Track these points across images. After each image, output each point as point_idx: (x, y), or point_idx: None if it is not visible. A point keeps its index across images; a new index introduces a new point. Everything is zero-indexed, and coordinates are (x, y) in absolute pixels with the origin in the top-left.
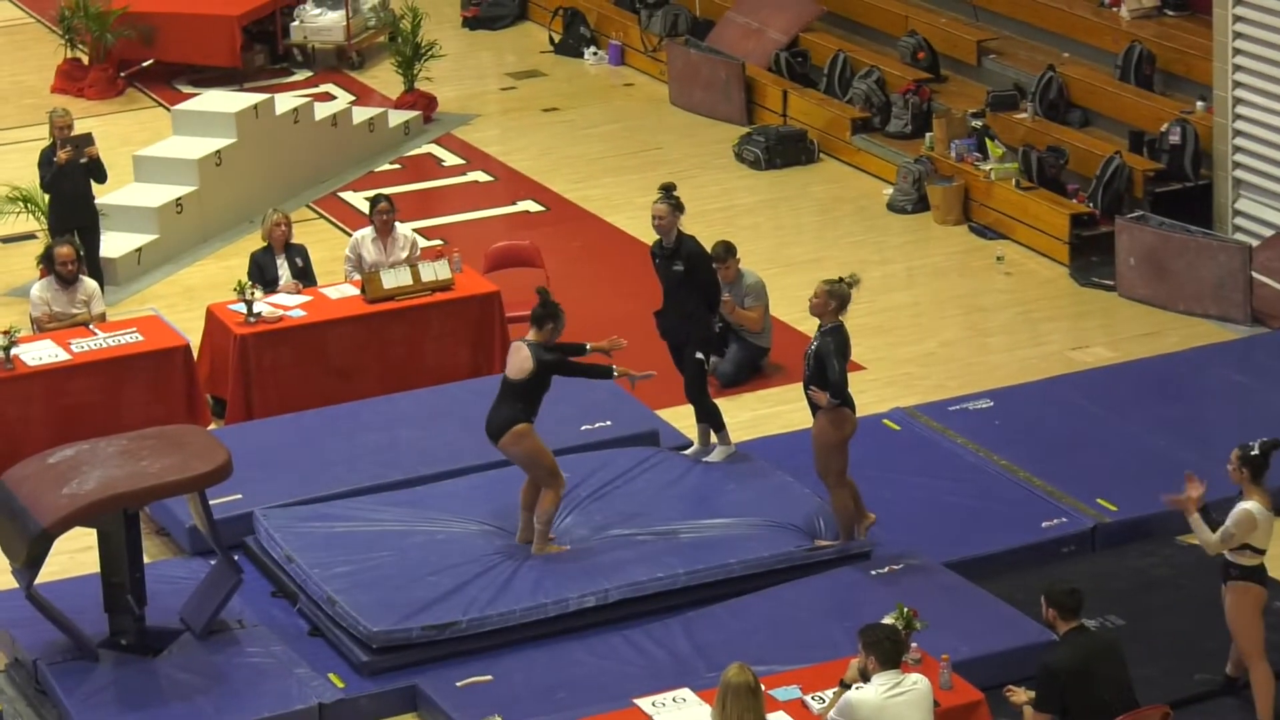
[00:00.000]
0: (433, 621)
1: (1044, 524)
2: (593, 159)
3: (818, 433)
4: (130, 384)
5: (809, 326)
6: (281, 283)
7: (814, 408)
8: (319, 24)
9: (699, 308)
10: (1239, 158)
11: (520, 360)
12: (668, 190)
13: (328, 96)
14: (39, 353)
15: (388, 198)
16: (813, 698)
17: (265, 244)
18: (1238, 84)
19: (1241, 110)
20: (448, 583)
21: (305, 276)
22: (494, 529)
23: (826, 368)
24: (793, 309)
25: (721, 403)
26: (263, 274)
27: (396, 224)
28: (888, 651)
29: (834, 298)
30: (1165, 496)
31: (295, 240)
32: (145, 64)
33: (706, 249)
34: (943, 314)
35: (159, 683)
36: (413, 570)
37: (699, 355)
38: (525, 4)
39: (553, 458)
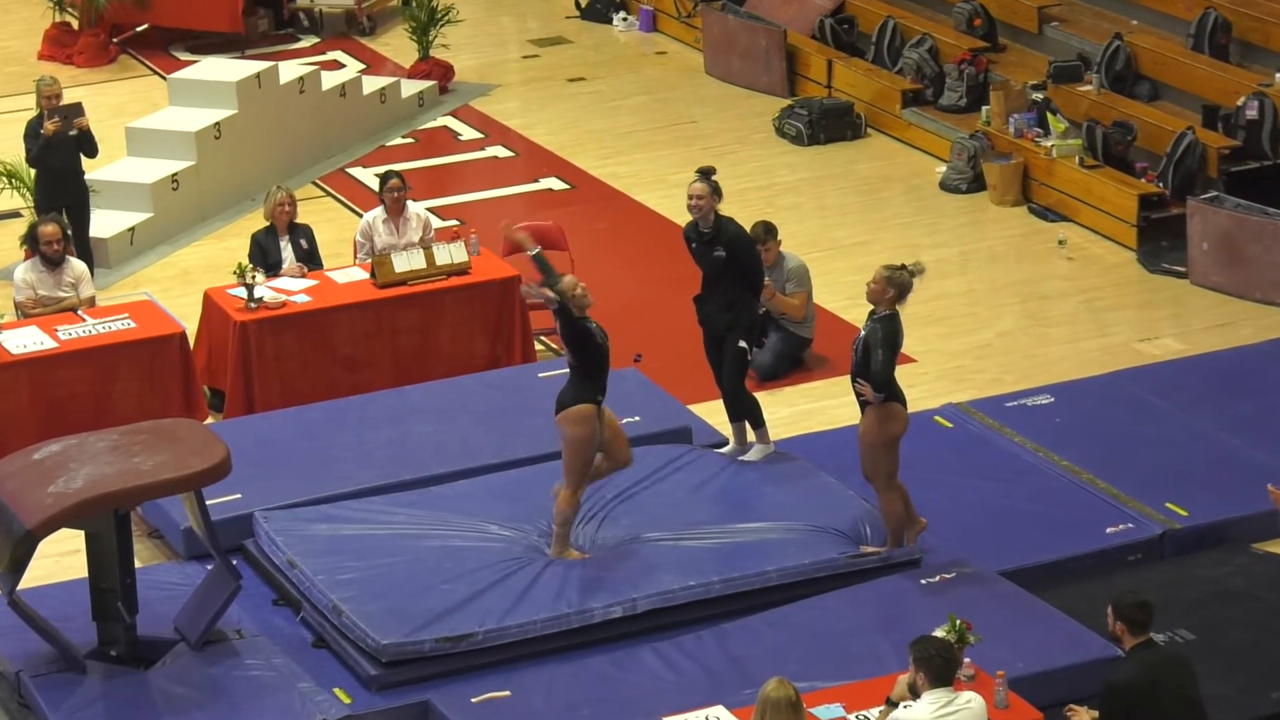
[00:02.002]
0: (447, 633)
1: (1108, 530)
2: (622, 133)
3: (865, 430)
4: (122, 374)
5: (856, 315)
6: (285, 266)
7: (862, 403)
8: None
9: (743, 294)
10: None
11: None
12: (706, 173)
13: (336, 65)
14: (23, 340)
15: (399, 174)
16: (857, 716)
17: (268, 224)
18: None
19: None
20: (463, 591)
21: (311, 259)
22: (513, 533)
23: (870, 357)
24: (837, 296)
25: (760, 397)
26: (265, 256)
27: (409, 203)
28: (939, 667)
29: (893, 285)
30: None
31: (300, 220)
32: (139, 29)
33: (747, 231)
34: (999, 302)
35: (151, 697)
36: (425, 577)
37: (742, 344)
38: None
39: (590, 461)
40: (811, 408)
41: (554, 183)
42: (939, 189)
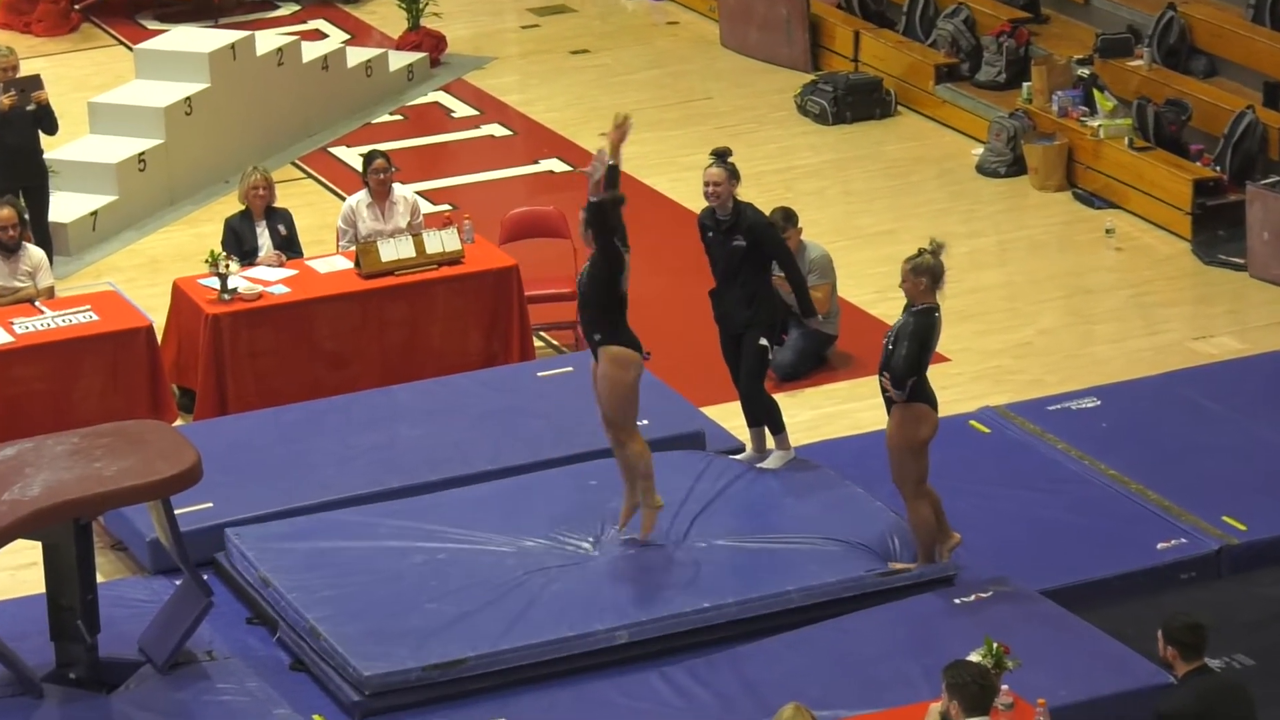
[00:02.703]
0: (435, 660)
1: (1159, 545)
2: (629, 110)
3: (891, 433)
4: (83, 372)
5: (884, 309)
6: (262, 254)
7: (889, 403)
8: None
9: (765, 287)
10: None
11: None
12: (722, 156)
13: (318, 35)
14: None
15: (385, 155)
16: None
17: (243, 208)
18: None
19: None
20: (452, 611)
21: (290, 246)
22: (510, 546)
23: (895, 350)
24: (863, 289)
25: (780, 399)
26: (240, 243)
27: (396, 186)
28: (974, 696)
29: (920, 273)
30: None
31: (279, 204)
32: None
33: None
34: (1041, 296)
35: None
36: (412, 596)
37: (763, 341)
38: None
39: (637, 407)
40: (835, 410)
41: (555, 164)
42: (975, 172)
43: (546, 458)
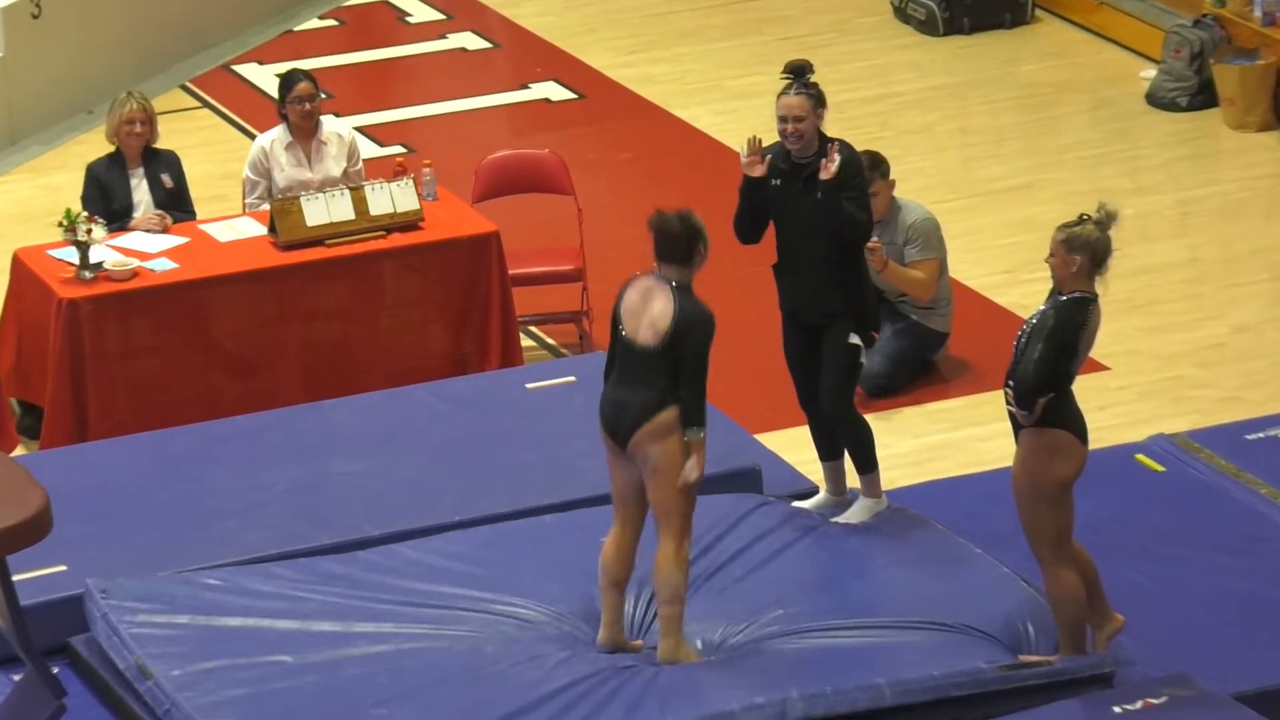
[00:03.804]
0: None
1: None
2: (656, 13)
3: (1018, 472)
4: None
5: (1016, 296)
6: (138, 214)
7: (1016, 427)
8: None
9: (860, 263)
10: None
11: (658, 313)
12: (799, 73)
13: None
14: None
15: (311, 76)
16: None
17: (112, 149)
18: None
19: None
20: (411, 717)
21: (178, 204)
22: (486, 626)
23: (1026, 352)
24: (987, 267)
25: (870, 421)
26: (107, 200)
27: (326, 119)
28: None
29: (1076, 248)
30: None
31: (162, 144)
32: None
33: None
34: (1238, 279)
35: None
36: (352, 696)
37: (854, 340)
38: None
39: (694, 490)
40: (946, 439)
41: (552, 89)
42: (1145, 104)
43: (535, 504)
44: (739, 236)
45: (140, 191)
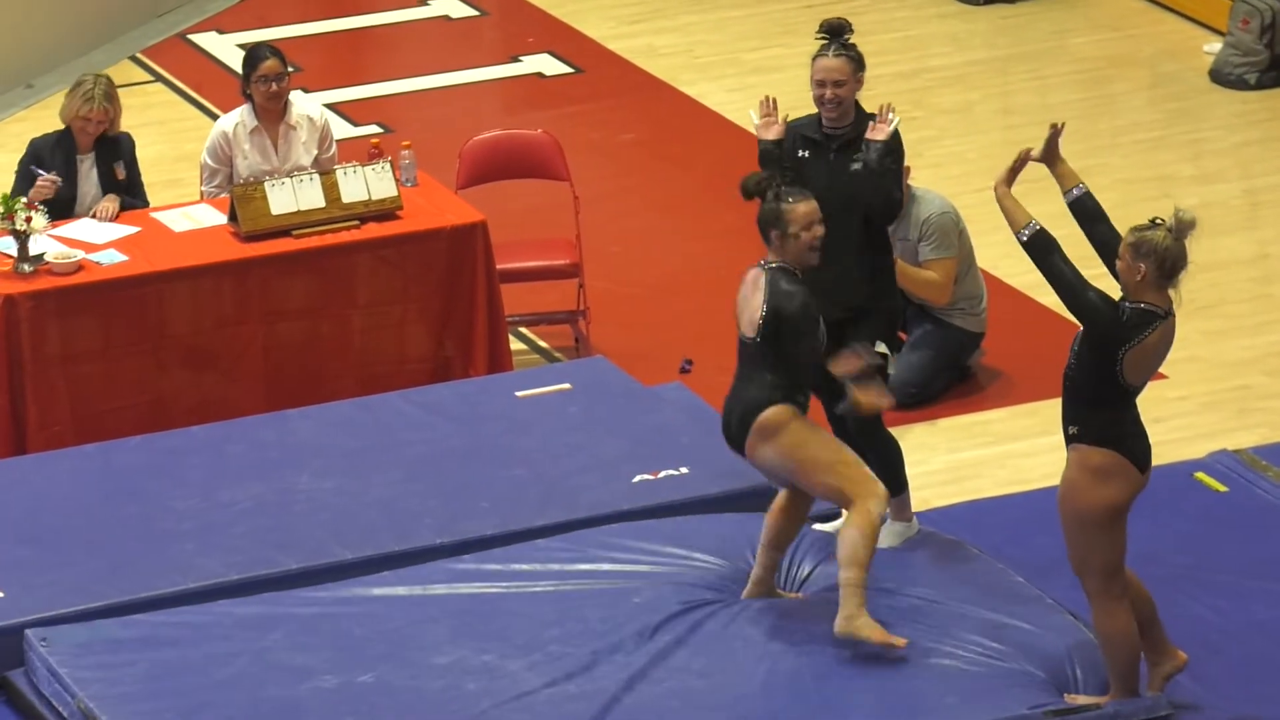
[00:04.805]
0: None
1: None
2: None
3: (1064, 492)
4: None
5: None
6: (81, 205)
7: (1070, 441)
8: None
9: (888, 253)
10: None
11: (756, 301)
12: (838, 33)
13: None
14: None
15: (278, 52)
16: None
17: (61, 128)
18: None
19: None
20: None
21: (130, 191)
22: (469, 662)
23: (1080, 360)
24: (1029, 263)
25: (897, 434)
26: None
27: (296, 98)
28: None
29: (1144, 255)
30: None
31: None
32: None
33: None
34: None
35: None
36: None
37: (882, 349)
38: None
39: (840, 451)
40: (984, 455)
41: (546, 63)
42: (1210, 81)
43: (525, 526)
44: None
45: (89, 182)
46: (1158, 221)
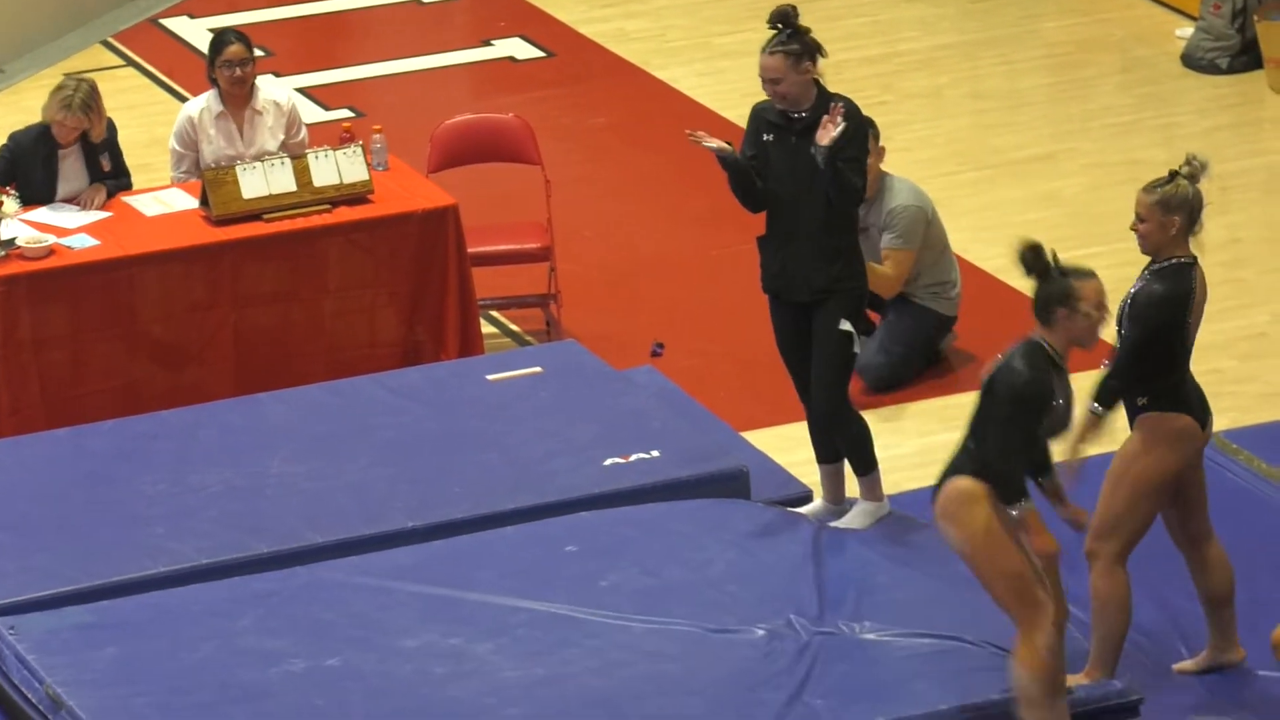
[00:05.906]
0: None
1: None
2: None
3: (1130, 456)
4: None
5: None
6: (64, 192)
7: (1132, 413)
8: None
9: (852, 234)
10: None
11: (992, 362)
12: (783, 20)
13: None
14: None
15: (244, 36)
16: None
17: (41, 123)
18: None
19: None
20: None
21: (116, 178)
22: (438, 647)
23: (1128, 334)
24: (1004, 247)
25: (869, 418)
26: (26, 176)
27: (264, 83)
28: None
29: (1175, 208)
30: None
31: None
32: None
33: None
34: None
35: None
36: None
37: (845, 326)
38: None
39: (1027, 568)
40: (955, 438)
41: (518, 47)
42: (1181, 65)
43: (496, 510)
44: (745, 206)
45: (75, 175)
46: (1173, 174)
